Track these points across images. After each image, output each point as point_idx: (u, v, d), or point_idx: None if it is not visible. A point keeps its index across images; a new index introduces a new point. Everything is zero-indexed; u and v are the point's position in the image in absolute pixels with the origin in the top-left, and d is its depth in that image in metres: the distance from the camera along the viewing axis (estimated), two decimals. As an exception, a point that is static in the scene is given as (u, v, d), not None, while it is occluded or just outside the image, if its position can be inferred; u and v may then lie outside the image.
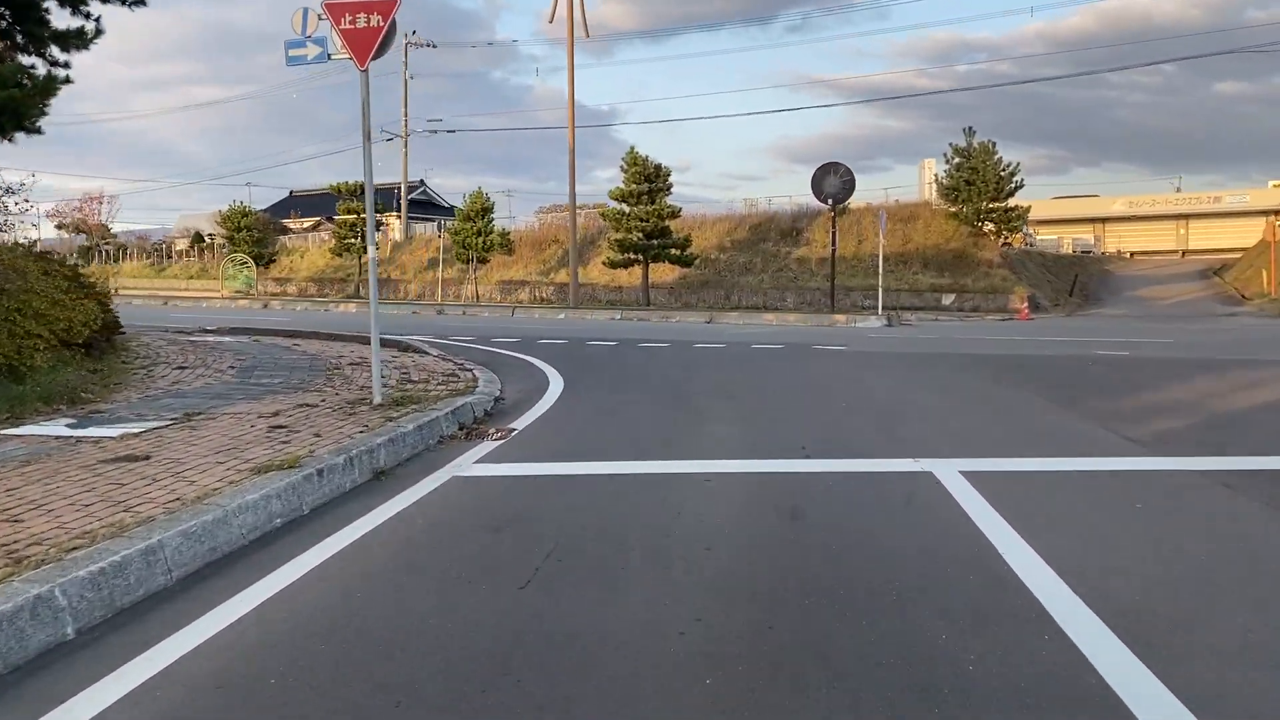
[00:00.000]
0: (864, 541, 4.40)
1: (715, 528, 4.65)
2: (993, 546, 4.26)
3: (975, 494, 5.25)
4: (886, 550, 4.24)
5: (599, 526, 4.70)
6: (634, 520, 4.82)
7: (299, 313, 28.41)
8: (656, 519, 4.83)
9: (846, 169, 23.60)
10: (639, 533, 4.59)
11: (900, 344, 16.28)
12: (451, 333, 18.67)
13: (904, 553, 4.19)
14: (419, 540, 4.58)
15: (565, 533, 4.56)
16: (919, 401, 8.92)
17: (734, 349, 15.04)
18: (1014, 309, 30.56)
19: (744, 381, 10.69)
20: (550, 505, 5.19)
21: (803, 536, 4.49)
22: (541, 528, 4.66)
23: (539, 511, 5.04)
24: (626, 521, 4.80)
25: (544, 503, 5.26)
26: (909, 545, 4.31)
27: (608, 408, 8.78)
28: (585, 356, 13.83)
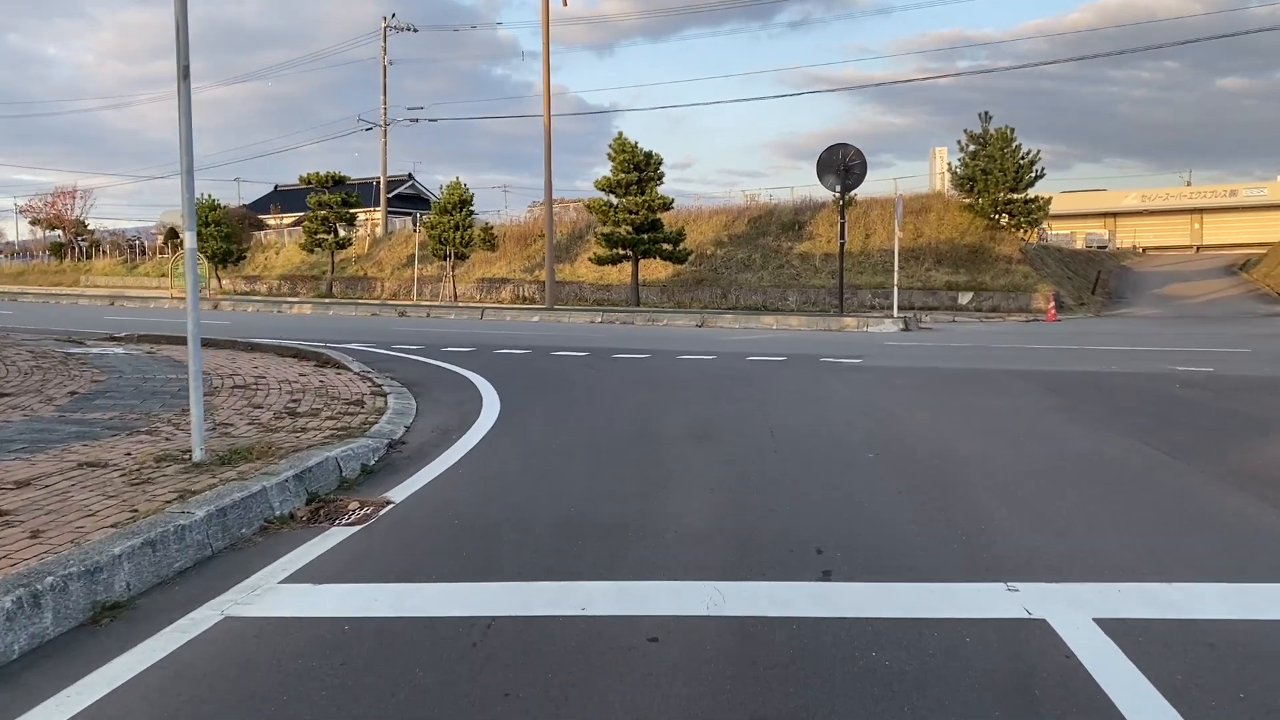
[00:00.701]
0: None
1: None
2: None
3: (1147, 686, 2.72)
4: None
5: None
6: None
7: (246, 314, 25.87)
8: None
9: (856, 150, 21.07)
10: None
11: (926, 355, 13.71)
12: (401, 340, 16.12)
13: None
14: None
15: None
16: (981, 453, 6.35)
17: (725, 362, 12.47)
18: (1038, 309, 27.99)
19: (732, 414, 8.12)
20: (364, 698, 2.64)
21: None
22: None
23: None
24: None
25: (354, 688, 2.69)
26: None
27: (539, 463, 6.21)
28: (542, 373, 11.27)
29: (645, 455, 6.34)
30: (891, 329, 19.12)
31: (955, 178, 33.90)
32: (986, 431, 7.14)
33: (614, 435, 7.11)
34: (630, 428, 7.43)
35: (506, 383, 10.16)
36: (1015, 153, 32.38)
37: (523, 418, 7.95)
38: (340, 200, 38.51)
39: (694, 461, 6.14)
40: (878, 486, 5.39)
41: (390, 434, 7.12)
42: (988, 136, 32.99)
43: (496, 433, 7.26)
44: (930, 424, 7.46)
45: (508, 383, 10.17)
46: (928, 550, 4.15)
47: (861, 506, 4.94)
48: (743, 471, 5.79)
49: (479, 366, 11.81)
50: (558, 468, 6.01)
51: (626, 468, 5.96)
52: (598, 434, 7.17)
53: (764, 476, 5.67)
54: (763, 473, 5.77)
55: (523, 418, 7.95)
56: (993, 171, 32.13)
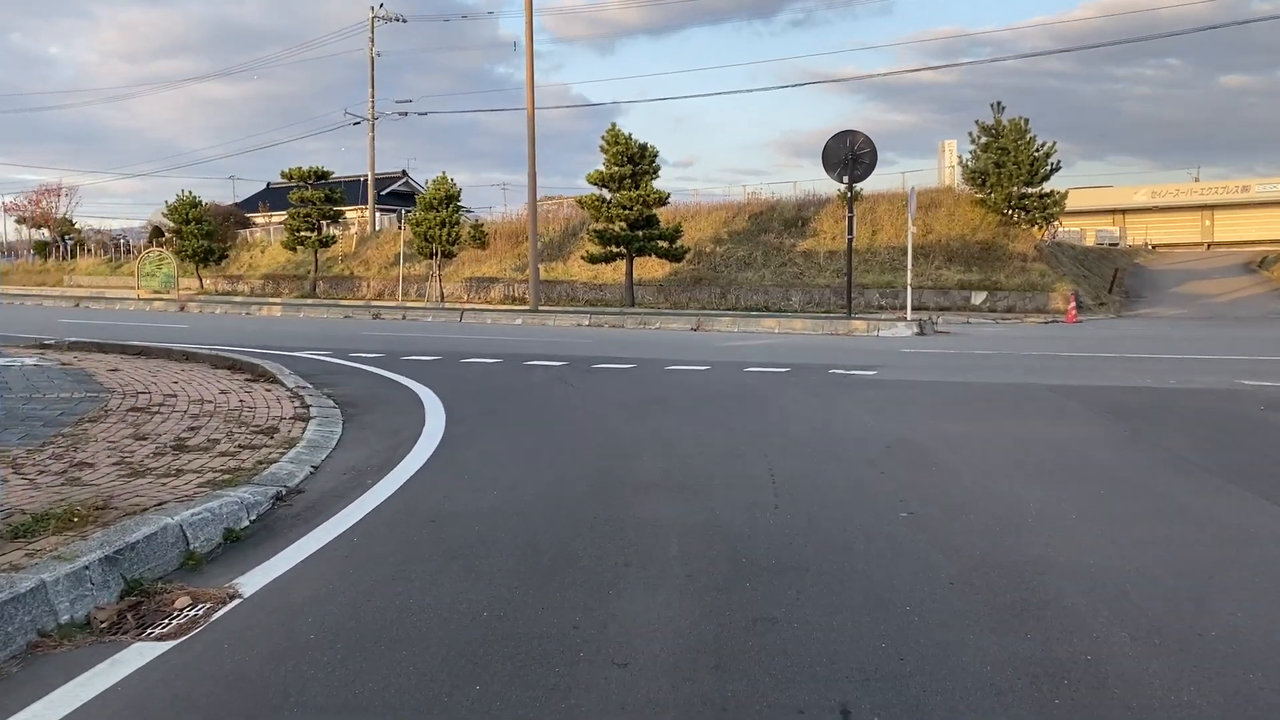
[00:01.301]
0: None
1: None
2: None
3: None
4: None
5: None
6: None
7: (212, 316, 24.32)
8: None
9: (865, 137, 19.44)
10: None
11: (950, 365, 12.13)
12: (363, 347, 14.56)
13: None
14: None
15: None
16: (1057, 515, 4.79)
17: (720, 375, 10.90)
18: (1056, 309, 26.40)
19: (723, 450, 6.55)
20: None
21: None
22: None
23: None
24: None
25: None
26: None
27: (461, 531, 4.65)
28: (506, 391, 9.71)
29: (604, 515, 4.77)
30: (905, 333, 17.52)
31: (966, 171, 32.27)
32: (1054, 478, 5.56)
33: (570, 482, 5.54)
34: (592, 470, 5.86)
35: (460, 403, 8.60)
36: (1030, 145, 30.76)
37: (463, 454, 6.39)
38: (324, 196, 36.95)
39: (666, 527, 4.57)
40: (923, 575, 3.81)
41: (286, 479, 5.58)
42: (1000, 128, 31.36)
43: (421, 479, 5.69)
44: (978, 465, 5.88)
45: (461, 403, 8.61)
46: (1011, 704, 2.58)
47: (904, 615, 3.37)
48: (732, 548, 4.22)
49: (437, 380, 10.25)
50: (484, 539, 4.44)
51: (575, 538, 4.39)
52: (550, 481, 5.60)
53: (762, 554, 4.10)
54: (760, 547, 4.20)
55: (463, 454, 6.39)
56: (1006, 164, 30.51)
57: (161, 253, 31.09)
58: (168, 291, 28.93)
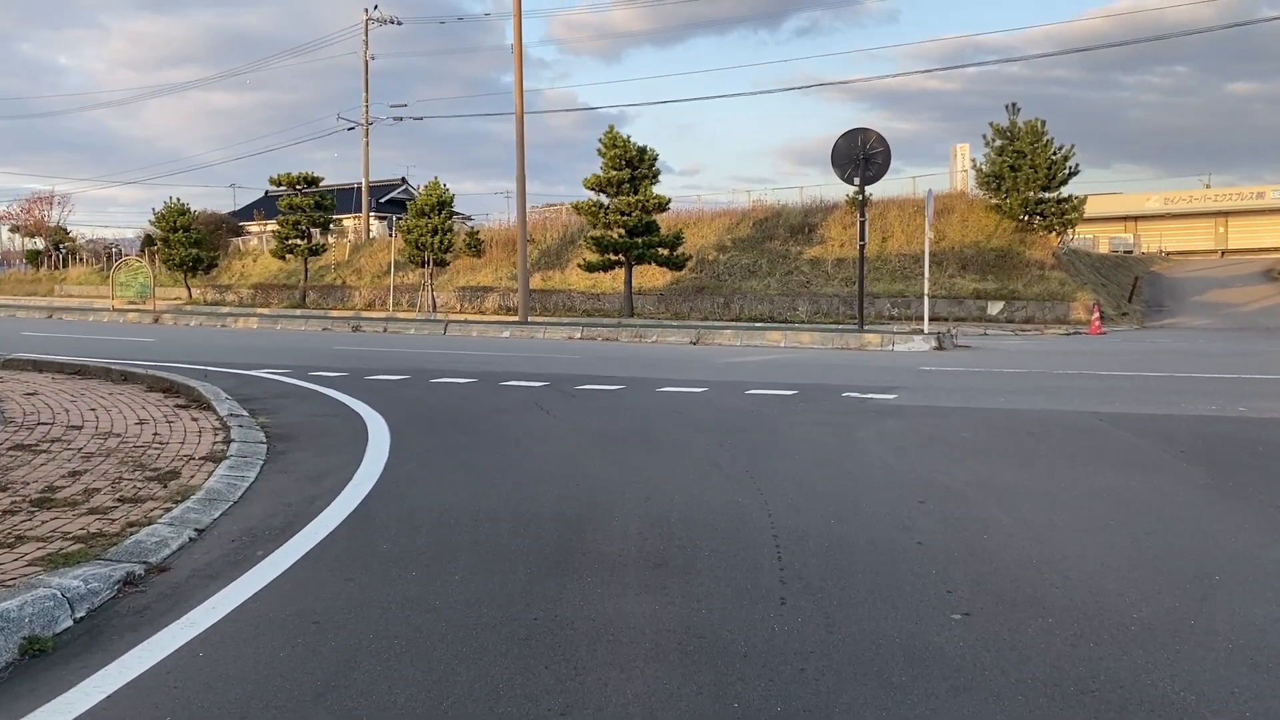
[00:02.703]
0: None
1: None
2: None
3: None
4: None
5: None
6: None
7: (185, 329, 23.10)
8: None
9: (877, 136, 18.16)
10: None
11: (979, 386, 10.82)
12: (329, 364, 13.31)
13: None
14: None
15: None
16: (1163, 620, 3.53)
17: (718, 399, 9.61)
18: (1077, 320, 25.07)
19: (717, 503, 5.28)
20: None
21: None
22: None
23: None
24: None
25: None
26: None
27: (346, 646, 3.37)
28: (470, 419, 8.44)
29: (550, 614, 3.49)
30: (923, 347, 16.18)
31: (980, 176, 30.98)
32: (1144, 555, 4.26)
33: (518, 556, 4.26)
34: (549, 535, 4.59)
35: (412, 436, 7.33)
36: (1047, 148, 29.46)
37: (393, 510, 5.12)
38: (313, 203, 35.77)
39: (631, 636, 3.29)
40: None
41: (151, 552, 4.35)
42: (1016, 130, 30.08)
43: (324, 552, 4.42)
44: (1042, 533, 4.58)
45: (414, 436, 7.34)
46: None
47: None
48: (720, 679, 2.93)
49: (395, 406, 8.99)
50: (375, 662, 3.15)
51: (502, 658, 3.11)
52: (492, 553, 4.32)
53: (762, 691, 2.82)
54: (760, 677, 2.91)
55: (393, 510, 5.12)
56: (1022, 168, 29.21)
57: (138, 262, 29.92)
58: (144, 302, 27.75)
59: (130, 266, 28.57)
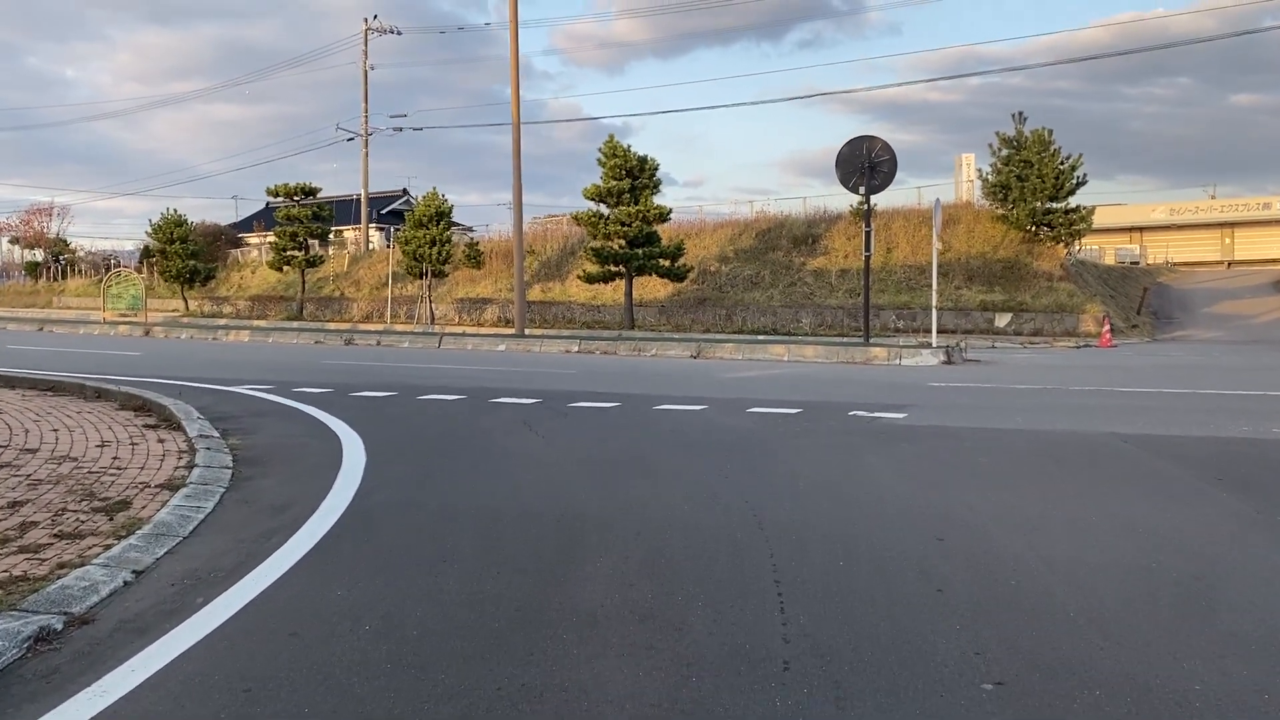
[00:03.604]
0: None
1: None
2: None
3: None
4: None
5: None
6: None
7: (176, 341, 22.66)
8: None
9: (883, 144, 17.69)
10: None
11: (993, 404, 10.33)
12: (315, 379, 12.85)
13: None
14: None
15: None
16: (1227, 693, 3.02)
17: (717, 417, 9.12)
18: (1086, 332, 24.56)
19: (713, 545, 4.79)
20: None
21: None
22: None
23: None
24: None
25: None
26: None
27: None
28: (454, 441, 7.96)
29: (515, 683, 2.99)
30: (931, 361, 15.66)
31: (987, 186, 30.52)
32: (1195, 601, 3.77)
33: (484, 606, 3.77)
34: (524, 583, 4.09)
35: (389, 460, 6.85)
36: (1055, 157, 29.00)
37: (357, 549, 4.64)
38: (311, 214, 35.37)
39: (615, 701, 2.81)
40: None
41: (75, 600, 3.90)
42: (1023, 139, 29.62)
43: (272, 600, 3.94)
44: (1074, 575, 4.08)
45: (391, 460, 6.86)
46: None
47: None
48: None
49: (377, 425, 8.51)
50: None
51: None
52: (456, 603, 3.84)
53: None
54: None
55: (357, 549, 4.64)
56: (1029, 178, 28.75)
57: (129, 273, 29.50)
58: (136, 314, 27.33)
59: (122, 278, 28.15)
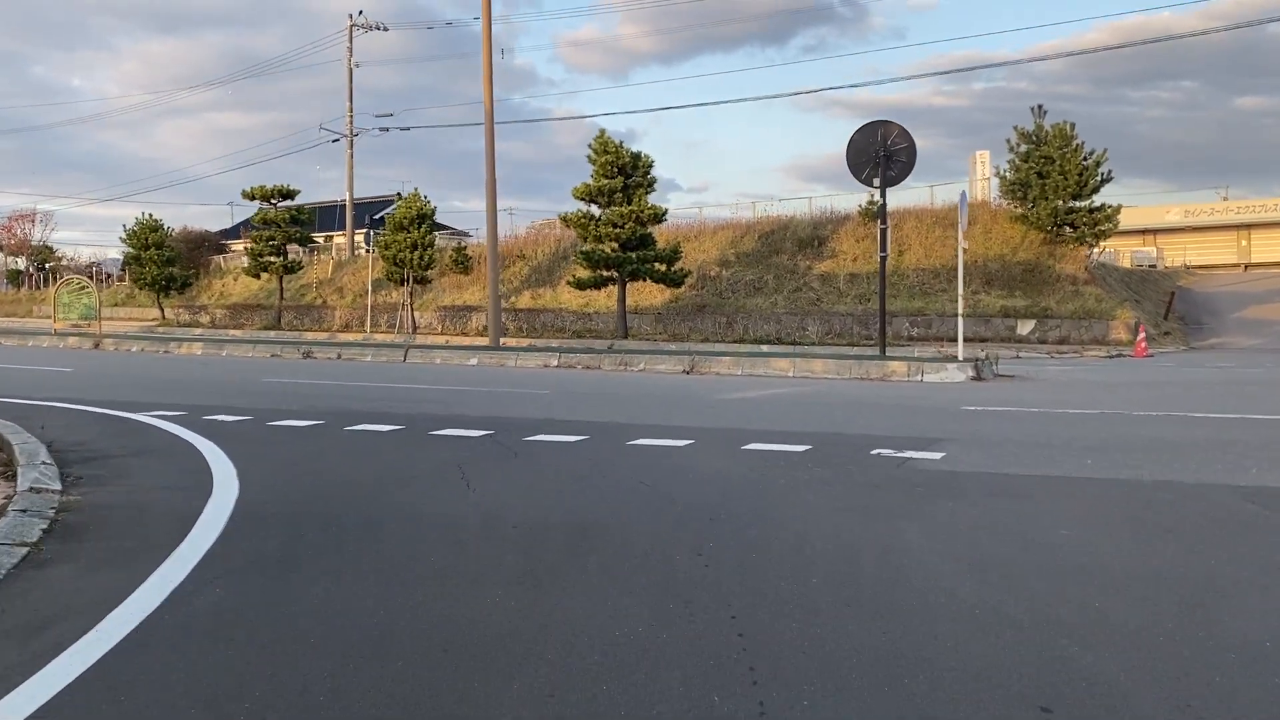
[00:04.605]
0: None
1: None
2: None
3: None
4: None
5: None
6: None
7: (127, 354, 20.85)
8: None
9: (900, 130, 15.78)
10: None
11: (1048, 438, 8.42)
12: (235, 403, 11.02)
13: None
14: None
15: None
16: None
17: (704, 460, 7.24)
18: (1116, 340, 22.65)
19: (671, 715, 2.89)
20: None
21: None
22: None
23: None
24: None
25: None
26: None
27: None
28: (352, 499, 6.08)
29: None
30: (958, 377, 13.75)
31: (1005, 184, 28.62)
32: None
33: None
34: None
35: (253, 529, 4.97)
36: (1077, 153, 27.12)
37: (123, 701, 2.76)
38: (289, 216, 33.57)
39: None
40: None
41: None
42: (1043, 134, 27.74)
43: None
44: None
45: (254, 529, 4.98)
46: None
47: None
48: None
49: (272, 469, 6.66)
50: None
51: None
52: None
53: None
54: None
55: (123, 701, 2.76)
56: (1051, 175, 26.85)
57: (82, 282, 27.73)
58: (89, 324, 25.61)
59: (74, 286, 26.41)
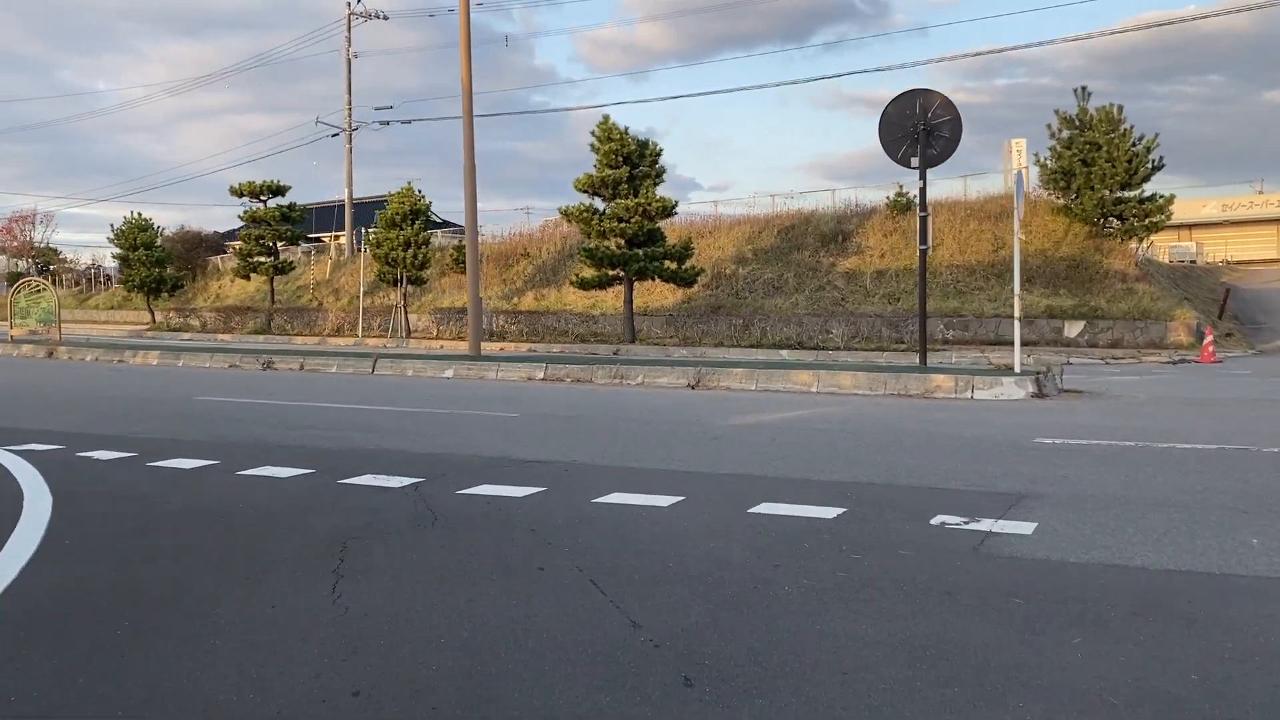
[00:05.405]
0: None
1: None
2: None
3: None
4: None
5: None
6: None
7: (81, 364, 19.03)
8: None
9: (944, 100, 13.60)
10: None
11: (1177, 494, 6.28)
12: (139, 428, 9.07)
13: None
14: None
15: None
16: None
17: (688, 535, 5.16)
18: (1177, 343, 20.38)
19: None
20: None
21: None
22: None
23: None
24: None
25: None
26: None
27: None
28: (155, 606, 4.03)
29: None
30: (1016, 394, 11.60)
31: (1045, 172, 26.35)
32: None
33: None
34: None
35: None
36: (1125, 138, 24.83)
37: None
38: (279, 214, 31.75)
39: None
40: None
41: None
42: (1087, 118, 25.46)
43: None
44: None
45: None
46: None
47: None
48: None
49: (95, 539, 4.66)
50: None
51: None
52: None
53: None
54: None
55: None
56: (1097, 162, 24.58)
57: (39, 285, 26.00)
58: (48, 330, 23.91)
59: (31, 290, 24.73)
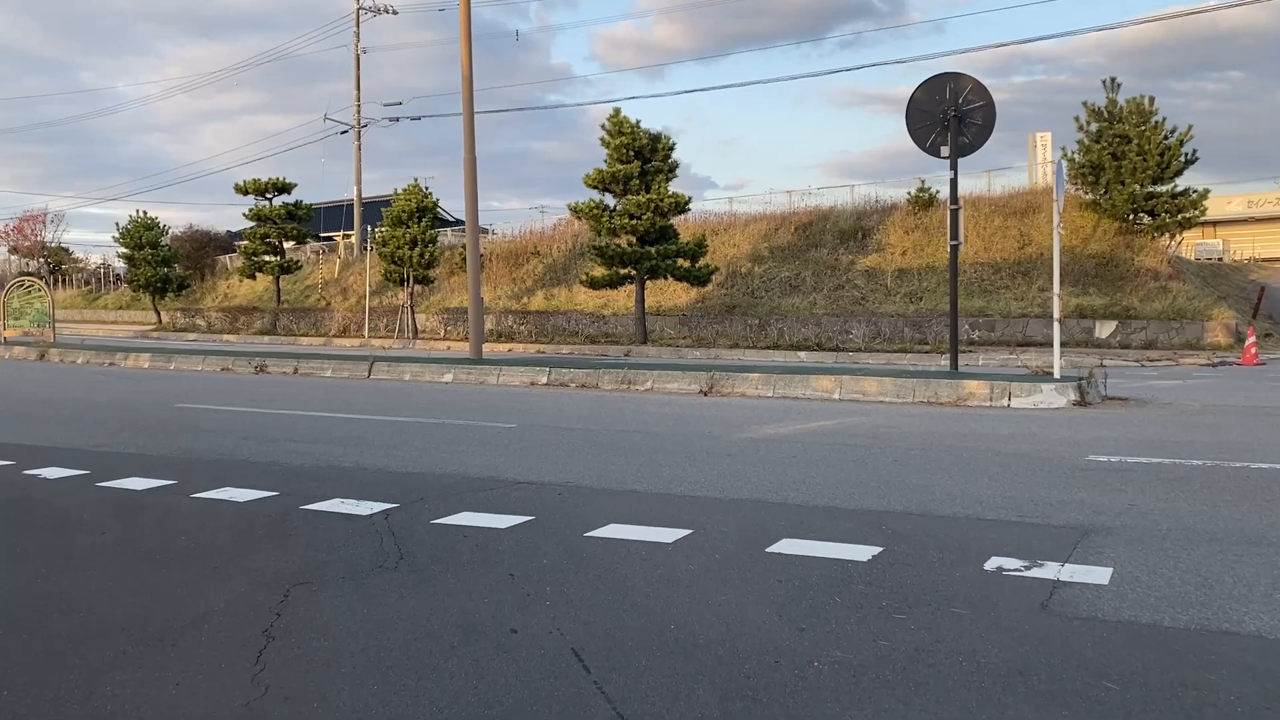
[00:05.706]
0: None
1: None
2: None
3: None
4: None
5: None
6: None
7: (70, 366, 18.41)
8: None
9: (976, 84, 12.74)
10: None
11: (1255, 522, 5.42)
12: (106, 439, 8.36)
13: None
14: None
15: None
16: None
17: (696, 586, 4.37)
18: (1214, 344, 19.44)
19: None
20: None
21: None
22: None
23: None
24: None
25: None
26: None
27: None
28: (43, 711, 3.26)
29: None
30: (1057, 401, 10.72)
31: (1073, 166, 25.39)
32: None
33: None
34: None
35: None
36: (1157, 130, 23.86)
37: None
38: (285, 212, 31.14)
39: None
40: None
41: None
42: (1117, 110, 24.51)
43: None
44: None
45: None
46: None
47: None
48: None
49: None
50: None
51: None
52: None
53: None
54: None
55: None
56: (1128, 155, 23.62)
57: (32, 284, 25.48)
58: (41, 331, 23.38)
59: (25, 290, 24.21)
